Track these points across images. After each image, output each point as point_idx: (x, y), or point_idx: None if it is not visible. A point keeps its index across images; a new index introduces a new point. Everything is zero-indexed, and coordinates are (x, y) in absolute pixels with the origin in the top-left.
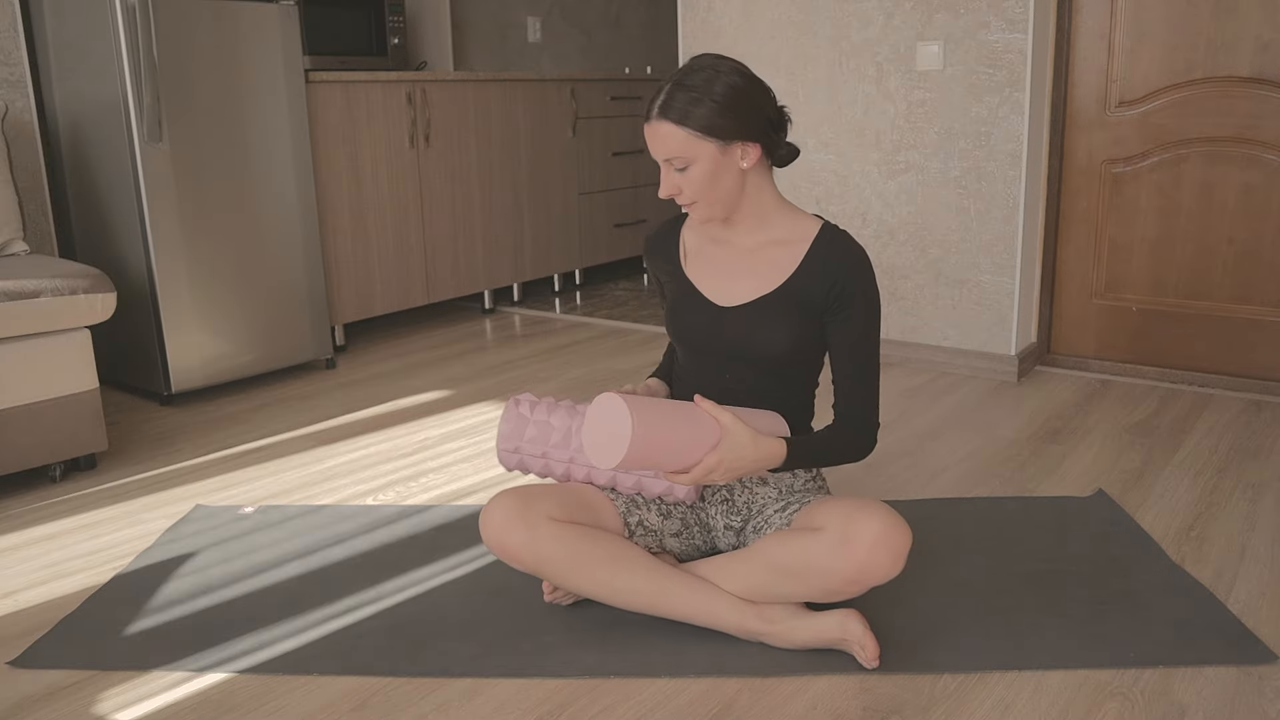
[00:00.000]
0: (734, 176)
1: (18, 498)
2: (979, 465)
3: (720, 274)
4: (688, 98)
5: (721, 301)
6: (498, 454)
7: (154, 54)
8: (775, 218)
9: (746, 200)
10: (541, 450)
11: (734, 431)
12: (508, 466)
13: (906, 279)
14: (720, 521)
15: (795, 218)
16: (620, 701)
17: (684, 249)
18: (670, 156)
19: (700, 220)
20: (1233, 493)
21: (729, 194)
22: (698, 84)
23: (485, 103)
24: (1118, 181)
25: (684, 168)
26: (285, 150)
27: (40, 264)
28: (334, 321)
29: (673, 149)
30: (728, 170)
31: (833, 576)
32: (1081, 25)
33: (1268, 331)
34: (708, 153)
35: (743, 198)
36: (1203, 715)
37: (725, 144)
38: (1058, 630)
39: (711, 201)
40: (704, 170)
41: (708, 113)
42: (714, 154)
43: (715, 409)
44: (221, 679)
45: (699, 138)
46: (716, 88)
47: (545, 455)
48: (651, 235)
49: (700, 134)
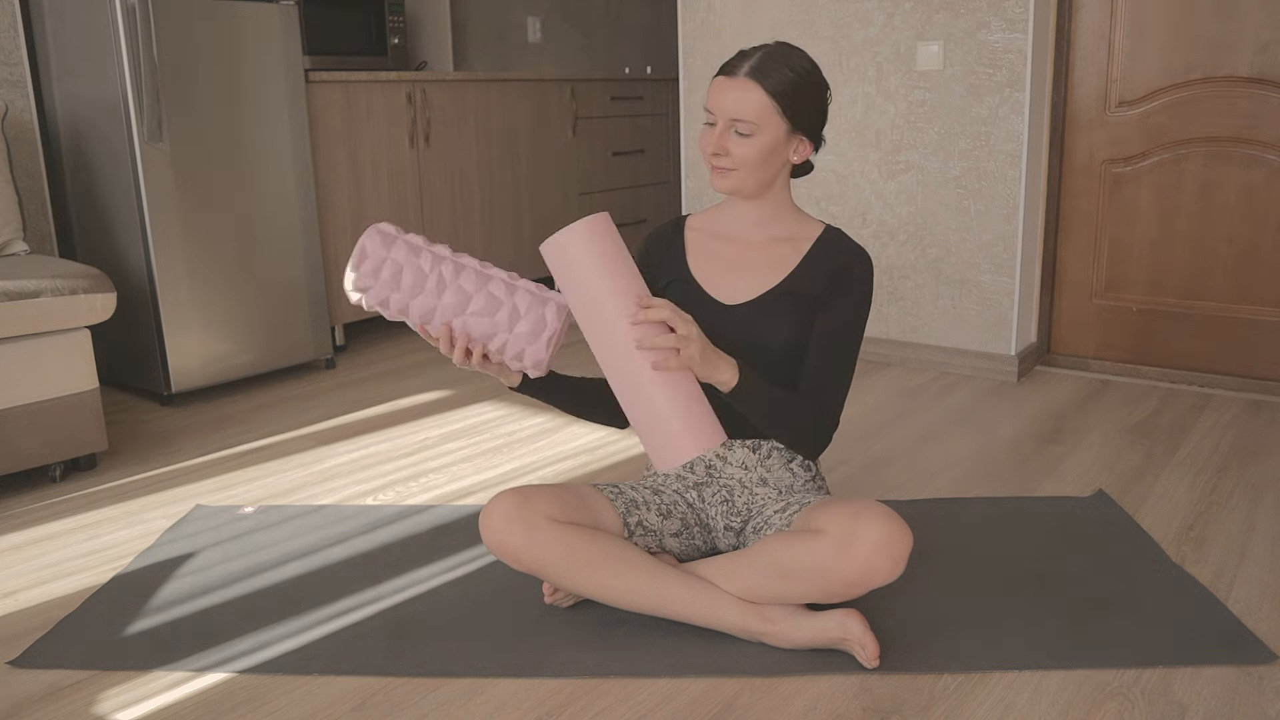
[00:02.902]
0: (780, 162)
1: (18, 498)
2: (979, 465)
3: (724, 271)
4: (781, 71)
5: (726, 299)
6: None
7: (154, 54)
8: (785, 216)
9: (772, 191)
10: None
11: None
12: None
13: (906, 279)
14: (720, 522)
15: (802, 219)
16: (620, 701)
17: (688, 247)
18: (742, 117)
19: (726, 189)
20: (1233, 493)
21: (769, 176)
22: (791, 63)
23: (485, 103)
24: (1118, 181)
25: (748, 134)
26: (285, 150)
27: (40, 264)
28: (334, 321)
29: (749, 112)
30: (780, 154)
31: (834, 579)
32: (1081, 25)
33: (1268, 331)
34: (776, 129)
35: (772, 187)
36: (1203, 715)
37: (792, 130)
38: (1058, 630)
39: (749, 176)
40: (764, 144)
41: (794, 92)
42: (780, 133)
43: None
44: (221, 679)
45: (776, 112)
46: (805, 73)
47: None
48: (655, 233)
49: (779, 109)
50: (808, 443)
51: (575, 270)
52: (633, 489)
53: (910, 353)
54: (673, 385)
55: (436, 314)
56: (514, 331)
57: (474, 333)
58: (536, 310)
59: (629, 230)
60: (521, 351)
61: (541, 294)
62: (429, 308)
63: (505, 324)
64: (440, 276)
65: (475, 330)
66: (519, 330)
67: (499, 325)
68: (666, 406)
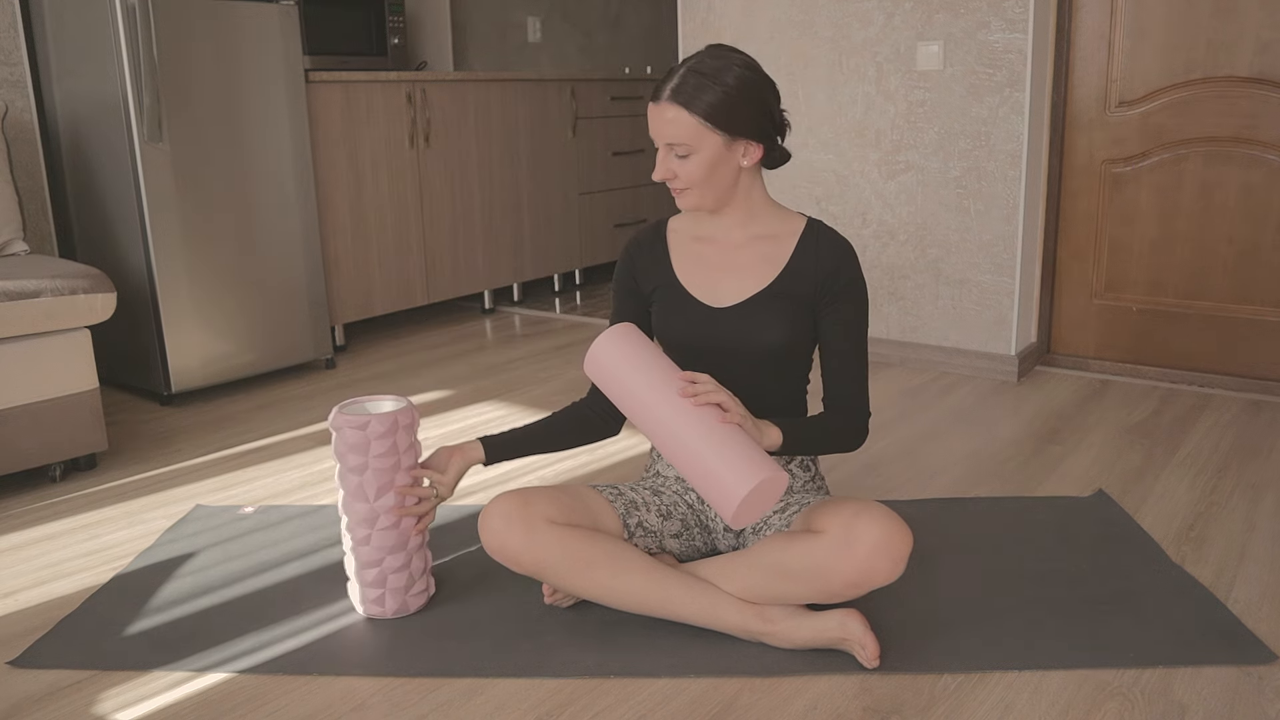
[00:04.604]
0: (732, 171)
1: (18, 498)
2: (979, 465)
3: (709, 273)
4: (701, 85)
5: (713, 302)
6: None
7: (154, 54)
8: (762, 213)
9: (738, 195)
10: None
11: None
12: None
13: (906, 279)
14: (720, 523)
15: (781, 214)
16: (620, 701)
17: (672, 251)
18: (674, 142)
19: (688, 208)
20: (1233, 493)
21: (724, 187)
22: (712, 72)
23: (485, 103)
24: (1118, 181)
25: (685, 155)
26: (285, 150)
27: (40, 264)
28: (334, 321)
29: (678, 135)
30: (727, 164)
31: (834, 580)
32: (1081, 25)
33: (1268, 331)
34: (712, 144)
35: (734, 192)
36: (1203, 715)
37: (731, 139)
38: (1058, 630)
39: (705, 192)
40: (705, 161)
41: (720, 104)
42: (718, 147)
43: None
44: (221, 679)
45: (707, 128)
46: (730, 80)
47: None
48: (638, 239)
49: (709, 125)
50: (851, 445)
51: (614, 372)
52: (632, 490)
53: (910, 353)
54: (715, 439)
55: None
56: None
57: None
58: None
59: (629, 230)
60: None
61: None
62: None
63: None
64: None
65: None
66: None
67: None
68: (712, 459)
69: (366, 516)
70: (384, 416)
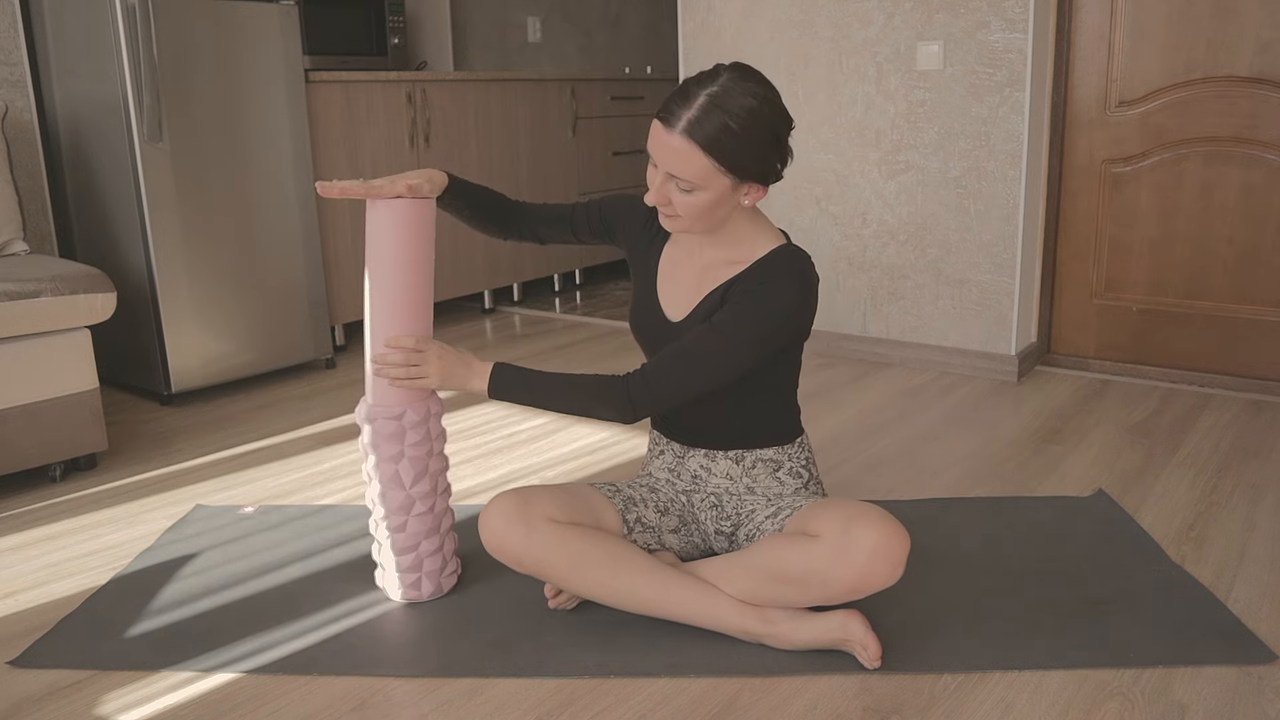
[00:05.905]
0: (730, 208)
1: (18, 498)
2: (979, 465)
3: (674, 286)
4: (723, 127)
5: (671, 315)
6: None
7: (154, 54)
8: (743, 238)
9: (726, 224)
10: None
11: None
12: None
13: (906, 279)
14: (711, 526)
15: (759, 238)
16: (620, 701)
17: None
18: (680, 176)
19: (674, 231)
20: (1233, 493)
21: (717, 220)
22: (734, 112)
23: (485, 103)
24: (1118, 181)
25: (688, 190)
26: (285, 150)
27: (40, 264)
28: (334, 321)
29: (685, 171)
30: (727, 203)
31: (832, 584)
32: (1081, 25)
33: (1268, 331)
34: (720, 186)
35: (727, 220)
36: (1203, 715)
37: (739, 182)
38: (1058, 630)
39: (696, 224)
40: (708, 200)
41: (737, 150)
42: (725, 189)
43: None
44: (222, 680)
45: (719, 171)
46: (751, 123)
47: None
48: (650, 215)
49: (721, 169)
50: (608, 416)
51: (386, 238)
52: (630, 487)
53: (910, 353)
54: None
55: None
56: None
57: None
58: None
59: None
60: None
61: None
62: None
63: None
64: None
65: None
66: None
67: None
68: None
69: (403, 504)
70: (417, 406)
